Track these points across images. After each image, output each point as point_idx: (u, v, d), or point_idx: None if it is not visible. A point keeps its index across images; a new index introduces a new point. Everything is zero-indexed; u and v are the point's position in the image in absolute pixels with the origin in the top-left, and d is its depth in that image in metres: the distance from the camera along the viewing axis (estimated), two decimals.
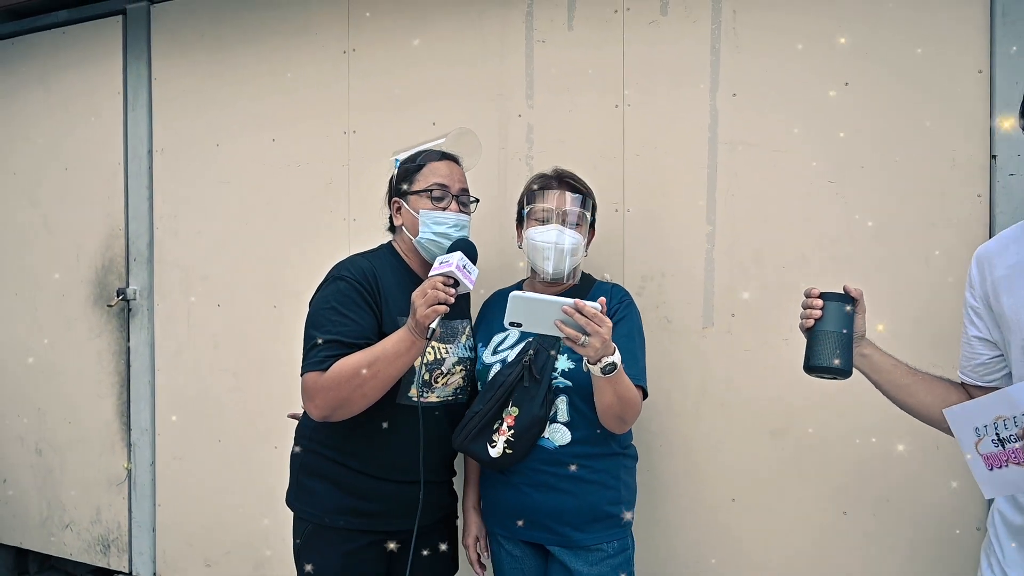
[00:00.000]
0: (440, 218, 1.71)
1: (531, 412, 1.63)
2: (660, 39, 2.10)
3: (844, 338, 1.37)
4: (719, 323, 2.04)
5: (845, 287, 1.40)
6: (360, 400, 1.58)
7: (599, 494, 1.68)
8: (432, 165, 1.76)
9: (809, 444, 1.96)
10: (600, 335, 1.42)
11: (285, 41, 2.60)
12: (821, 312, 1.39)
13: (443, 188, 1.73)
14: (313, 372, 1.58)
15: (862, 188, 1.90)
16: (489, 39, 2.30)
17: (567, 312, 1.42)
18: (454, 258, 1.56)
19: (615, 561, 1.68)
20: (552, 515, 1.67)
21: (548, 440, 1.67)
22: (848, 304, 1.39)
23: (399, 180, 1.79)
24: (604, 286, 1.82)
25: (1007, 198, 1.77)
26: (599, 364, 1.48)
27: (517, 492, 1.69)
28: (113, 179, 2.91)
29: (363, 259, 1.74)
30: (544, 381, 1.63)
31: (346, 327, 1.61)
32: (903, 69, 1.86)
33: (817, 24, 1.93)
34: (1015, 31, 1.76)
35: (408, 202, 1.75)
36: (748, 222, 2.01)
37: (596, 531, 1.67)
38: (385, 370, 1.56)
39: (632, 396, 1.59)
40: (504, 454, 1.63)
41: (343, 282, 1.66)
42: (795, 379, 1.95)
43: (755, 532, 2.01)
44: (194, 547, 2.82)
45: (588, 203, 1.78)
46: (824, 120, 1.93)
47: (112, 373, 2.94)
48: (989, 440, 1.07)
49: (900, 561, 1.88)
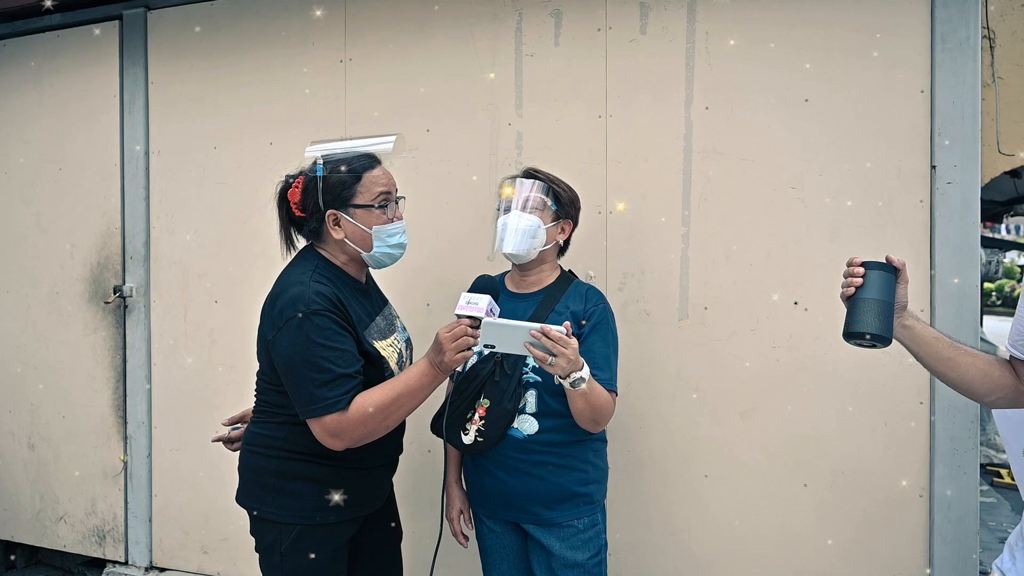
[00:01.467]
0: (393, 230, 1.70)
1: (501, 405, 1.73)
2: (640, 56, 2.29)
3: (885, 306, 1.34)
4: (693, 316, 2.24)
5: (888, 257, 1.37)
6: (383, 431, 1.61)
7: (567, 476, 1.77)
8: (371, 175, 1.69)
9: (774, 424, 2.16)
10: (566, 355, 1.52)
11: (283, 49, 2.72)
12: (862, 280, 1.36)
13: (387, 196, 1.70)
14: (334, 414, 1.55)
15: (820, 193, 2.12)
16: (481, 52, 2.46)
17: (535, 336, 1.51)
18: (483, 301, 1.56)
19: (585, 536, 1.78)
20: (524, 497, 1.77)
21: (518, 430, 1.76)
22: (890, 273, 1.36)
23: (335, 190, 1.67)
24: (580, 287, 1.86)
25: (945, 203, 2.00)
26: (568, 379, 1.57)
27: (492, 478, 1.81)
28: (109, 180, 2.98)
29: (317, 284, 1.62)
30: (514, 376, 1.74)
31: (343, 359, 1.58)
32: (856, 88, 2.08)
33: (781, 46, 2.14)
34: (951, 56, 1.99)
35: (352, 215, 1.67)
36: (719, 224, 2.21)
37: (566, 509, 1.77)
38: (408, 403, 1.60)
39: (603, 402, 1.67)
40: (476, 442, 1.76)
41: (319, 316, 1.57)
42: (762, 365, 2.17)
43: (726, 504, 2.21)
44: (191, 535, 2.91)
45: (550, 191, 1.83)
46: (787, 132, 2.14)
47: (108, 368, 3.02)
48: None
49: (854, 527, 2.09)
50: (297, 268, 1.69)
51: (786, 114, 2.14)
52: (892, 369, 2.04)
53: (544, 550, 1.78)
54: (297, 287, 1.60)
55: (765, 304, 2.17)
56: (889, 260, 1.37)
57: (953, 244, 1.99)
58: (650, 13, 2.27)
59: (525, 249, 1.79)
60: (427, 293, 2.49)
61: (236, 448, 1.86)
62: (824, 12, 2.10)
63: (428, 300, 2.49)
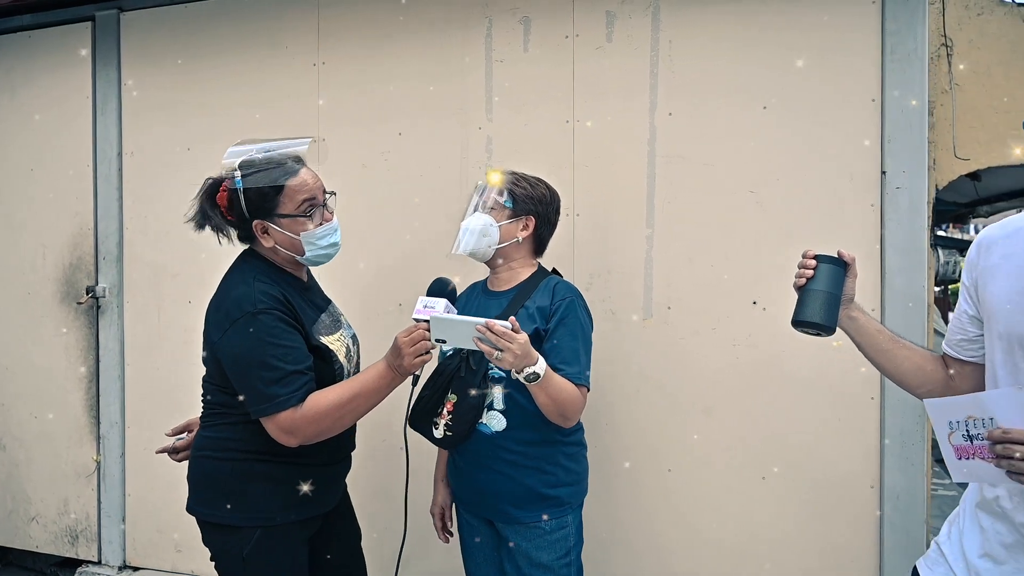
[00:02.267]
0: (323, 233, 1.68)
1: (467, 400, 1.75)
2: (606, 63, 2.36)
3: (832, 298, 1.41)
4: (657, 315, 2.31)
5: (839, 251, 1.44)
6: (338, 429, 1.63)
7: (535, 477, 1.76)
8: (292, 184, 1.64)
9: (734, 420, 2.25)
10: (511, 350, 1.52)
11: (256, 52, 2.75)
12: (813, 272, 1.42)
13: (312, 202, 1.66)
14: (287, 411, 1.56)
15: (777, 197, 2.20)
16: (452, 58, 2.51)
17: (480, 330, 1.53)
18: (440, 305, 1.59)
19: (552, 537, 1.77)
20: (493, 494, 1.79)
21: (486, 425, 1.77)
22: (840, 267, 1.42)
23: (256, 202, 1.63)
24: (550, 282, 1.85)
25: (894, 207, 2.10)
26: (522, 374, 1.58)
27: (463, 473, 1.84)
28: (82, 180, 2.99)
29: (261, 283, 1.63)
30: (480, 371, 1.76)
31: (293, 357, 1.58)
32: (811, 96, 2.17)
33: (741, 56, 2.22)
34: (900, 66, 2.09)
35: (279, 225, 1.65)
36: (682, 226, 2.29)
37: (533, 510, 1.77)
38: (364, 404, 1.62)
39: (567, 396, 1.66)
40: (446, 436, 1.79)
41: (266, 315, 1.57)
42: (723, 363, 2.25)
43: (689, 497, 2.29)
44: (164, 534, 2.93)
45: (504, 192, 1.85)
46: (746, 138, 2.22)
47: (80, 369, 3.02)
48: (960, 434, 1.15)
49: (809, 517, 2.18)
50: (239, 271, 1.70)
51: (745, 121, 2.22)
52: (845, 367, 2.13)
53: (513, 547, 1.80)
54: (241, 287, 1.61)
55: (725, 303, 2.25)
56: (840, 254, 1.43)
57: (902, 246, 2.08)
58: (616, 21, 2.34)
59: (474, 248, 1.82)
60: (397, 293, 2.54)
61: (183, 458, 1.85)
62: (781, 25, 2.19)
63: (399, 300, 2.54)
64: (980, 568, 1.23)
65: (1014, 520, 1.19)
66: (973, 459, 1.13)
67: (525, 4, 2.43)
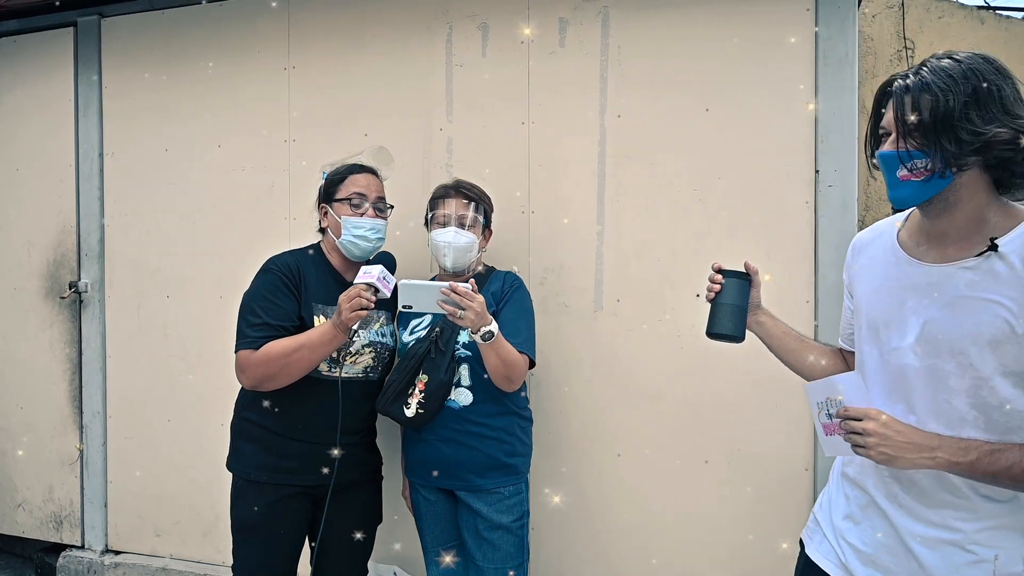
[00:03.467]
0: (359, 223, 2.03)
1: (438, 378, 1.95)
2: (559, 67, 2.47)
3: (738, 310, 1.55)
4: (607, 307, 2.43)
5: (745, 264, 1.58)
6: (285, 377, 1.90)
7: (497, 447, 2.01)
8: (353, 177, 2.08)
9: (679, 407, 2.36)
10: (472, 308, 1.76)
11: (230, 57, 2.87)
12: (720, 287, 1.56)
13: (361, 197, 2.05)
14: (245, 350, 1.89)
15: (719, 195, 2.31)
16: (415, 62, 2.63)
17: (445, 293, 1.77)
18: (375, 270, 1.83)
19: (510, 502, 2.02)
20: (458, 464, 2.00)
21: (454, 401, 1.99)
22: (744, 280, 1.56)
23: (326, 189, 2.10)
24: (500, 274, 2.15)
25: (827, 204, 2.21)
26: (479, 333, 1.81)
27: (430, 447, 2.02)
28: (65, 180, 3.11)
29: (290, 255, 2.06)
30: (448, 352, 1.97)
31: (273, 312, 1.92)
32: (750, 99, 2.28)
33: (685, 61, 2.34)
34: (832, 71, 2.20)
35: (333, 209, 2.06)
36: (630, 222, 2.41)
37: (494, 477, 2.00)
38: (308, 356, 1.88)
39: (514, 359, 1.91)
40: (417, 414, 1.97)
41: (271, 274, 1.97)
42: (669, 352, 2.37)
43: (636, 481, 2.41)
44: (144, 520, 3.05)
45: (480, 208, 2.11)
46: (690, 139, 2.34)
47: (64, 361, 3.15)
48: (824, 413, 1.31)
49: (749, 500, 2.30)
50: (294, 249, 2.14)
51: (689, 122, 2.34)
52: None
53: (473, 513, 2.00)
54: (276, 256, 2.05)
55: (671, 296, 2.36)
56: (746, 267, 1.57)
57: (834, 242, 2.20)
58: (568, 28, 2.46)
59: (465, 264, 2.10)
60: None
61: None
62: (723, 30, 2.30)
63: None
64: (843, 529, 1.36)
65: (864, 485, 1.33)
66: (834, 435, 1.27)
67: (484, 11, 2.55)
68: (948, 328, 1.19)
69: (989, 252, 1.16)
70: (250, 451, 2.02)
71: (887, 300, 1.30)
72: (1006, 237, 1.16)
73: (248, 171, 2.85)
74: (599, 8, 2.42)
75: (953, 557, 1.20)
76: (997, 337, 1.14)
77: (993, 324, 1.15)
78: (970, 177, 1.16)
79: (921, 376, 1.23)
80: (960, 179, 1.16)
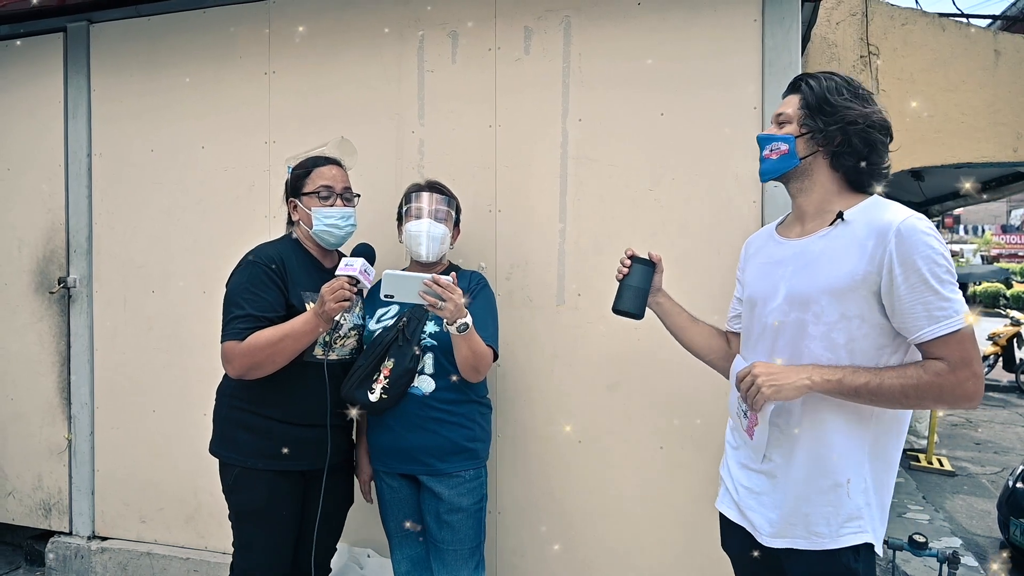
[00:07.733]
0: (329, 212, 2.10)
1: (403, 365, 2.03)
2: (524, 73, 2.60)
3: (641, 291, 1.80)
4: (568, 301, 2.56)
5: (649, 253, 1.85)
6: (270, 366, 1.94)
7: (458, 432, 2.09)
8: (318, 170, 2.13)
9: (635, 395, 2.49)
10: (453, 300, 1.83)
11: (213, 62, 2.99)
12: (628, 270, 1.82)
13: (328, 189, 2.11)
14: (231, 341, 1.93)
15: (672, 195, 2.45)
16: (388, 67, 2.76)
17: (427, 284, 1.83)
18: (357, 263, 1.90)
19: (471, 486, 2.11)
20: (421, 450, 2.07)
21: (418, 388, 2.06)
22: (649, 266, 1.82)
23: (293, 184, 2.16)
24: (465, 272, 2.25)
25: (772, 203, 2.34)
26: (455, 325, 1.88)
27: (393, 433, 2.11)
28: (54, 179, 3.23)
29: (271, 246, 2.11)
30: (414, 340, 2.06)
31: (258, 303, 1.96)
32: (702, 105, 2.41)
33: (641, 67, 2.47)
34: (777, 78, 2.33)
35: (302, 202, 2.12)
36: (590, 221, 2.54)
37: (455, 462, 2.09)
38: (292, 345, 1.93)
39: (483, 351, 2.00)
40: (381, 399, 2.05)
41: (255, 266, 2.01)
42: (626, 345, 2.49)
43: (595, 467, 2.54)
44: (130, 506, 3.17)
45: (452, 203, 2.24)
46: (646, 142, 2.47)
47: (53, 354, 3.26)
48: (742, 413, 1.60)
49: (702, 483, 2.43)
50: (274, 239, 2.20)
51: (645, 126, 2.47)
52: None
53: (435, 497, 2.09)
54: (259, 246, 2.11)
55: None
56: (651, 256, 1.84)
57: None
58: (533, 36, 2.59)
59: (437, 253, 2.19)
60: None
61: None
62: (677, 39, 2.43)
63: None
64: (731, 462, 1.69)
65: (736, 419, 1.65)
66: (754, 426, 1.55)
67: (453, 20, 2.68)
68: (805, 285, 1.47)
69: (838, 221, 1.47)
70: (247, 439, 2.05)
71: (764, 276, 1.61)
72: (852, 210, 1.48)
73: (230, 171, 2.97)
74: (562, 17, 2.56)
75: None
76: (842, 287, 1.41)
77: (840, 278, 1.42)
78: (817, 163, 1.52)
79: (787, 329, 1.50)
80: (808, 162, 1.51)
